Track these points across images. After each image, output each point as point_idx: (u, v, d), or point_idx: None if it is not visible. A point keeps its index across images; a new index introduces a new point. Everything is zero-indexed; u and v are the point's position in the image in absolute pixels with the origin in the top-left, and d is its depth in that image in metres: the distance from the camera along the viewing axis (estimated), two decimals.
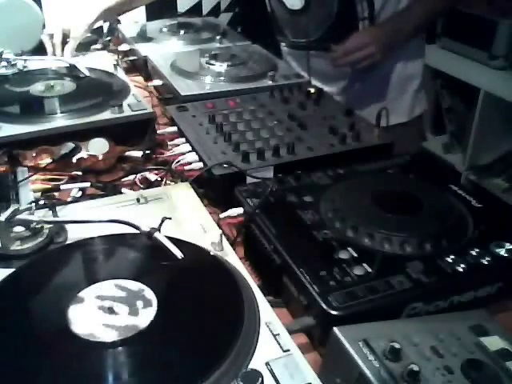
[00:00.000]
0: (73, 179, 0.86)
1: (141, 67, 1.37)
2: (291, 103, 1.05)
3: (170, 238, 0.60)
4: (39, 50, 1.45)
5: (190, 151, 0.88)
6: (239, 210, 0.71)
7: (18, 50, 1.28)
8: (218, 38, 1.48)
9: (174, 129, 0.97)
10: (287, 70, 1.25)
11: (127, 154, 0.93)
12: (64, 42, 1.34)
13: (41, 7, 1.56)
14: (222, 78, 1.17)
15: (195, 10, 2.49)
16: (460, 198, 0.72)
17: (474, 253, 0.61)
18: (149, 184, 0.85)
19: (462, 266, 0.59)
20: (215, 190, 0.81)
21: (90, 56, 1.40)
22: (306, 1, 1.20)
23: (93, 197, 0.81)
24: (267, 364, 0.48)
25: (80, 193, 0.83)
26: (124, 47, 1.45)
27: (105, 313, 0.53)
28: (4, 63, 1.21)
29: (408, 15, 1.18)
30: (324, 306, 0.53)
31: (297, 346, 0.50)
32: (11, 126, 0.93)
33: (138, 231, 0.62)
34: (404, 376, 0.45)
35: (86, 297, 0.55)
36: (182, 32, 1.51)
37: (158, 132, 0.98)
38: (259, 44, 1.45)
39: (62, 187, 0.83)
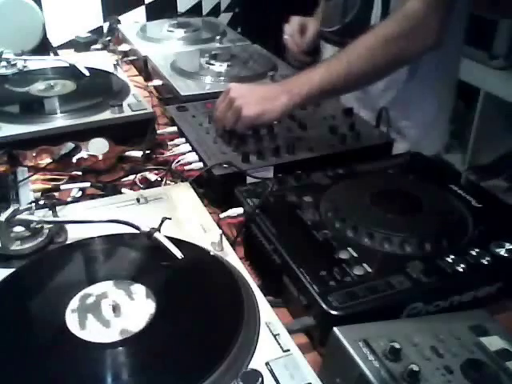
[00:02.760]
0: (73, 179, 0.86)
1: (141, 67, 1.37)
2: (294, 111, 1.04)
3: (170, 238, 0.60)
4: (39, 49, 1.45)
5: (190, 151, 0.88)
6: (239, 210, 0.71)
7: (18, 50, 1.28)
8: (217, 38, 1.48)
9: (174, 129, 0.97)
10: (287, 70, 1.25)
11: (127, 154, 0.93)
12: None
13: (41, 7, 1.56)
14: (222, 78, 1.17)
15: (195, 9, 2.49)
16: (460, 197, 0.72)
17: (473, 253, 0.61)
18: (149, 184, 0.85)
19: (462, 266, 0.59)
20: (215, 190, 0.81)
21: (90, 56, 1.40)
22: None
23: (93, 197, 0.81)
24: (267, 364, 0.48)
25: (80, 193, 0.83)
26: (124, 47, 1.45)
27: (104, 313, 0.53)
28: (4, 63, 1.21)
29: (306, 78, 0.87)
30: (324, 306, 0.53)
31: (297, 346, 0.50)
32: (11, 125, 0.93)
33: (137, 231, 0.62)
34: (404, 376, 0.45)
35: (86, 297, 0.55)
36: (182, 32, 1.51)
37: (158, 132, 0.98)
38: (259, 44, 1.45)
39: (62, 187, 0.83)
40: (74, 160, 0.88)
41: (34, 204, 0.69)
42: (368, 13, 1.07)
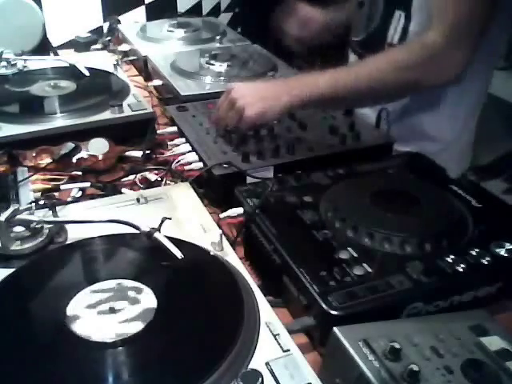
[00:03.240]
0: (73, 179, 0.86)
1: (141, 67, 1.37)
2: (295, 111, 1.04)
3: (170, 238, 0.60)
4: (39, 49, 1.45)
5: (190, 151, 0.88)
6: (239, 210, 0.71)
7: (18, 50, 1.28)
8: (218, 38, 1.48)
9: (174, 129, 0.97)
10: (287, 70, 1.25)
11: (127, 154, 0.93)
12: None
13: (41, 7, 1.56)
14: (222, 78, 1.17)
15: (195, 9, 2.49)
16: (460, 197, 0.72)
17: (473, 253, 0.61)
18: (149, 184, 0.85)
19: (462, 265, 0.59)
20: (215, 190, 0.81)
21: (90, 56, 1.40)
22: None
23: (93, 197, 0.81)
24: (267, 364, 0.48)
25: (80, 193, 0.83)
26: (124, 47, 1.45)
27: (105, 313, 0.53)
28: (4, 63, 1.21)
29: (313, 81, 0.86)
30: (324, 306, 0.53)
31: (297, 346, 0.50)
32: (11, 125, 0.93)
33: (137, 231, 0.62)
34: (404, 376, 0.45)
35: (86, 297, 0.55)
36: (182, 32, 1.51)
37: (158, 132, 0.98)
38: (259, 44, 1.45)
39: (61, 187, 0.83)
40: (74, 160, 0.88)
41: (33, 204, 0.69)
42: (385, 28, 1.02)
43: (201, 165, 0.84)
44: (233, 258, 0.63)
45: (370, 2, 1.06)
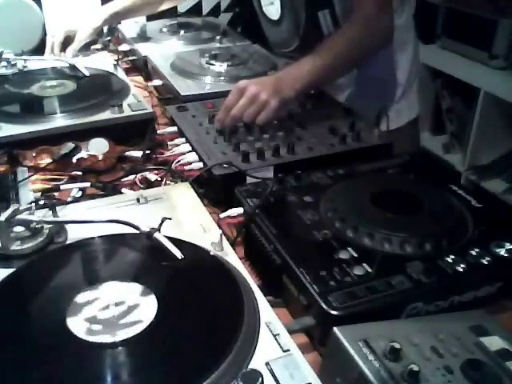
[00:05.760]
0: (73, 179, 0.86)
1: (141, 67, 1.37)
2: (291, 103, 1.04)
3: (170, 238, 0.60)
4: (39, 49, 1.45)
5: (190, 151, 0.88)
6: (239, 210, 0.71)
7: (18, 50, 1.28)
8: (218, 37, 1.48)
9: (174, 129, 0.97)
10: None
11: (127, 154, 0.93)
12: (65, 43, 1.35)
13: (41, 7, 1.56)
14: (222, 78, 1.17)
15: (195, 9, 2.49)
16: (460, 197, 0.72)
17: (473, 253, 0.61)
18: (149, 184, 0.85)
19: (462, 265, 0.59)
20: (215, 190, 0.81)
21: (90, 56, 1.40)
22: (281, 12, 1.20)
23: (93, 197, 0.81)
24: (267, 364, 0.48)
25: (80, 193, 0.83)
26: (124, 47, 1.45)
27: (104, 313, 0.53)
28: (4, 63, 1.21)
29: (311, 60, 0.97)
30: (324, 306, 0.53)
31: (297, 346, 0.50)
32: (11, 125, 0.93)
33: (137, 231, 0.62)
34: (404, 376, 0.45)
35: (86, 297, 0.55)
36: (182, 32, 1.51)
37: (158, 132, 0.98)
38: (259, 44, 1.45)
39: (61, 187, 0.83)
40: (74, 160, 0.88)
41: (33, 204, 0.69)
42: (317, 29, 1.16)
43: (201, 165, 0.84)
44: (233, 258, 0.63)
45: (290, 16, 1.19)
